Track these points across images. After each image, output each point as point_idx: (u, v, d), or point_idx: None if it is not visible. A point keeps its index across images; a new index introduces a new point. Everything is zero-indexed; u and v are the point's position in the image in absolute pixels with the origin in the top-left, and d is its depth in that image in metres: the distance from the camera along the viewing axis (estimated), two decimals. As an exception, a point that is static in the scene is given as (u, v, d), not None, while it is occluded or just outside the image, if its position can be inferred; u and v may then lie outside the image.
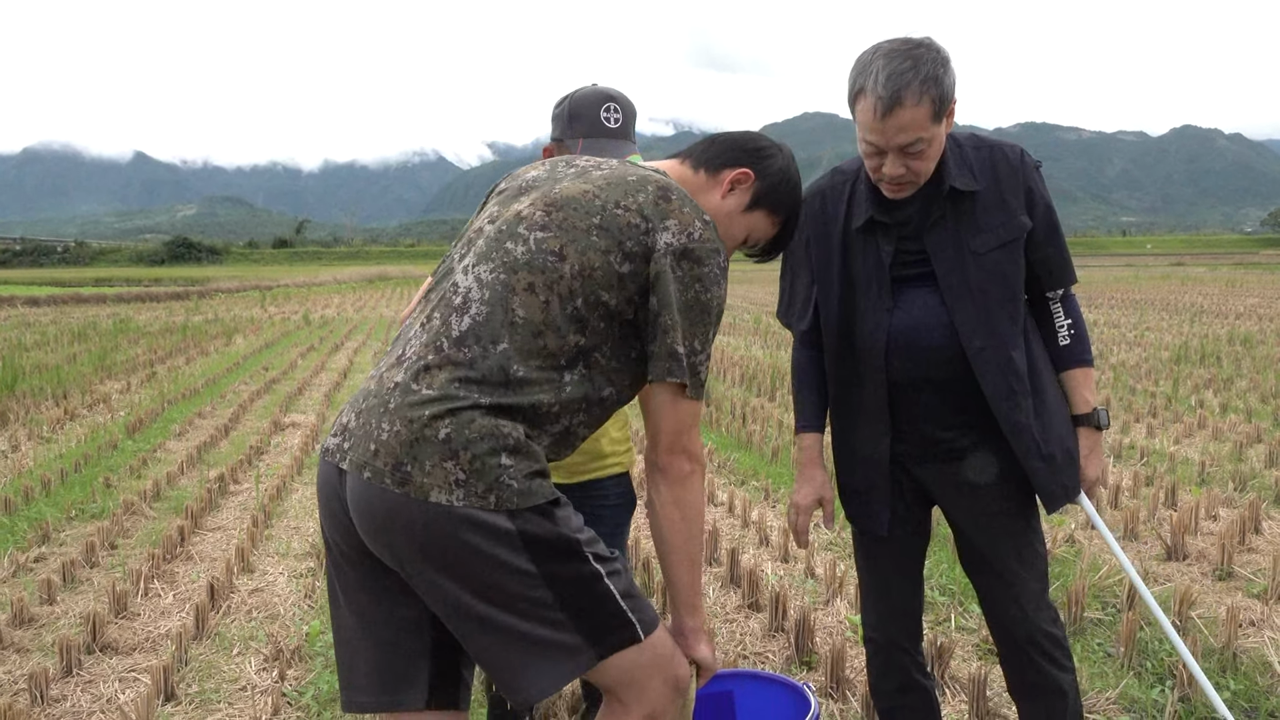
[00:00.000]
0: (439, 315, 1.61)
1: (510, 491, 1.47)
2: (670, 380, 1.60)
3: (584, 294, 1.58)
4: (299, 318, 21.43)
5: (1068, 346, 2.12)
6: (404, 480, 1.46)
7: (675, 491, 1.63)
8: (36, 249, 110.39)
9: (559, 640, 1.50)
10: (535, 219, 1.64)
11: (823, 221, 2.15)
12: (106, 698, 3.19)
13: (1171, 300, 22.43)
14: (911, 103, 1.83)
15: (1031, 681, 2.14)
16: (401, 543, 1.48)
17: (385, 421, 1.51)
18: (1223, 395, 8.87)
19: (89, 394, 9.97)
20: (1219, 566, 4.21)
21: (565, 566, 1.50)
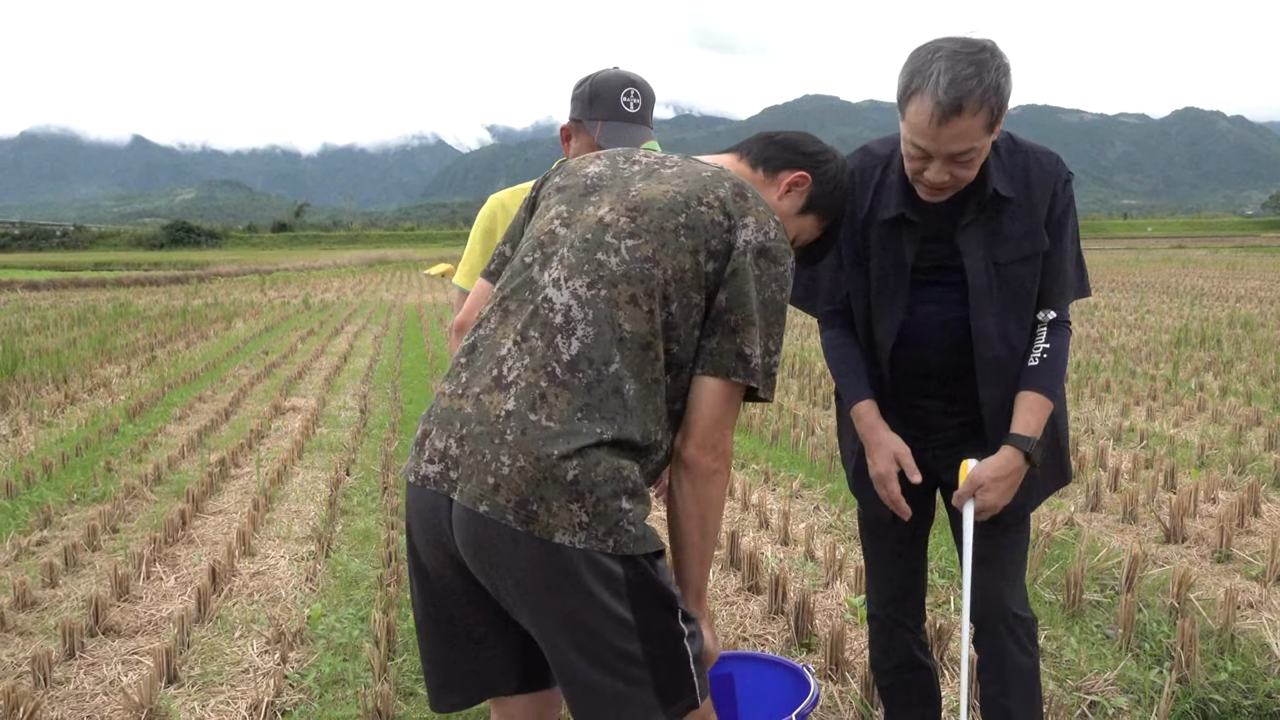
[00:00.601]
0: (538, 335, 1.55)
1: (628, 537, 1.47)
2: (734, 380, 1.58)
3: (678, 298, 1.56)
4: (299, 302, 21.42)
5: (1034, 369, 2.00)
6: (529, 519, 1.45)
7: (699, 488, 1.61)
8: (35, 233, 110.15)
9: (637, 697, 1.51)
10: (622, 226, 1.60)
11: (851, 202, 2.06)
12: (109, 680, 3.21)
13: (1172, 283, 22.41)
14: (971, 111, 1.75)
15: (994, 657, 2.16)
16: (515, 579, 1.49)
17: (505, 455, 1.48)
18: (1223, 378, 8.87)
19: (89, 378, 9.98)
20: (1218, 549, 4.22)
21: (659, 620, 1.51)
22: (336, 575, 4.18)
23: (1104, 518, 4.82)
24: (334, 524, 4.89)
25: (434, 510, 1.56)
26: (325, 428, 7.50)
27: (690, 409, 1.60)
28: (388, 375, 10.04)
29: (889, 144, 2.04)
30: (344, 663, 3.30)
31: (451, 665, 1.68)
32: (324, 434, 7.24)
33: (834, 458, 5.87)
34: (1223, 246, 53.66)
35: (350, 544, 4.63)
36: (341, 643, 3.47)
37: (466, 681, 1.69)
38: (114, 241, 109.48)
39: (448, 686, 1.70)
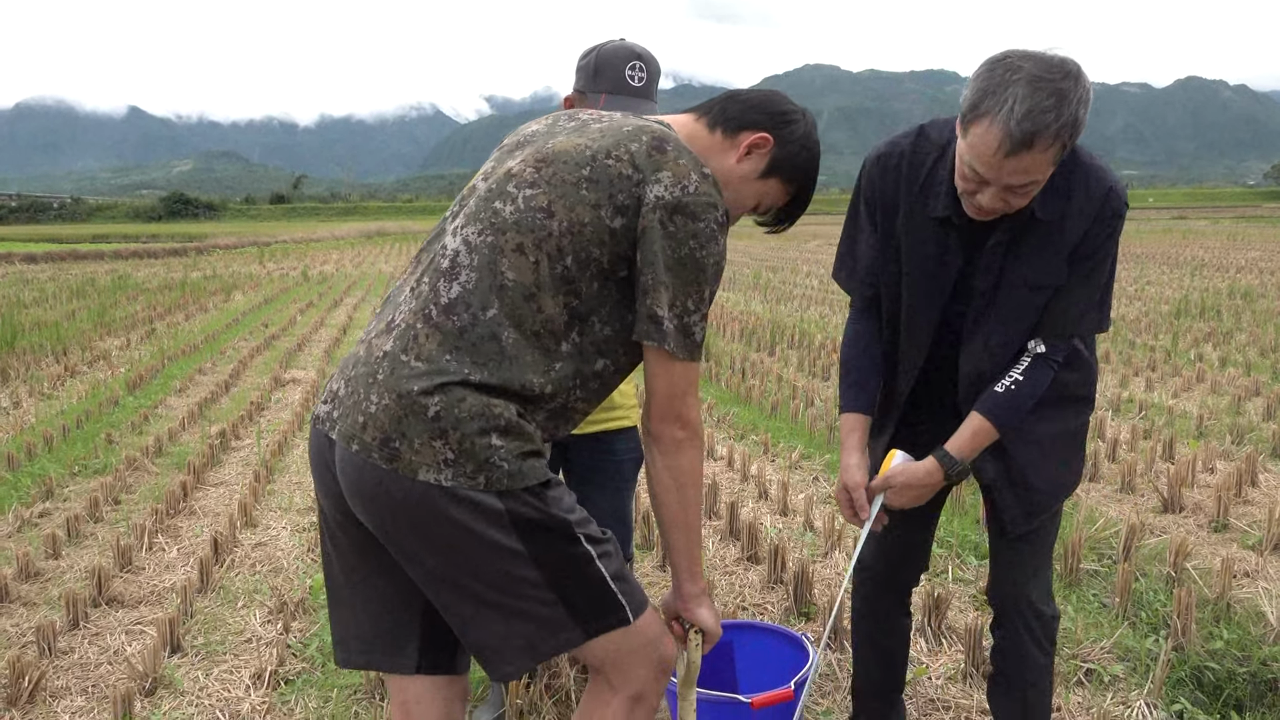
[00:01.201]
0: (428, 281, 1.55)
1: (500, 473, 1.44)
2: (648, 344, 1.54)
3: (574, 251, 1.50)
4: (297, 274, 21.37)
5: (997, 395, 1.89)
6: (392, 456, 1.44)
7: (668, 460, 1.58)
8: (33, 205, 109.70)
9: (545, 617, 1.49)
10: (525, 176, 1.57)
11: (895, 187, 1.95)
12: (114, 650, 3.23)
13: (1172, 254, 22.36)
14: (1043, 147, 1.62)
15: (1008, 645, 2.15)
16: (389, 517, 1.47)
17: (374, 393, 1.48)
18: (1222, 349, 8.88)
19: (89, 351, 9.98)
20: (1215, 518, 4.24)
21: (556, 547, 1.48)
22: (338, 546, 4.20)
23: (1102, 488, 4.84)
24: (335, 495, 4.90)
25: (320, 449, 1.58)
26: (325, 400, 7.50)
27: (646, 381, 1.58)
28: (387, 347, 10.03)
29: (947, 130, 1.90)
30: (346, 632, 3.32)
31: (350, 619, 1.65)
32: (324, 406, 7.25)
33: (833, 429, 5.89)
34: (1224, 217, 53.48)
35: (351, 515, 4.64)
36: (343, 612, 3.49)
37: (365, 639, 1.65)
38: (112, 214, 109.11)
39: (345, 641, 1.66)
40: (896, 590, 2.30)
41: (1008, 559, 2.10)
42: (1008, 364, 1.92)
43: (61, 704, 2.87)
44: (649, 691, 1.60)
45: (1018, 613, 2.10)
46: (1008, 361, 1.92)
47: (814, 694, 2.81)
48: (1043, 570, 2.11)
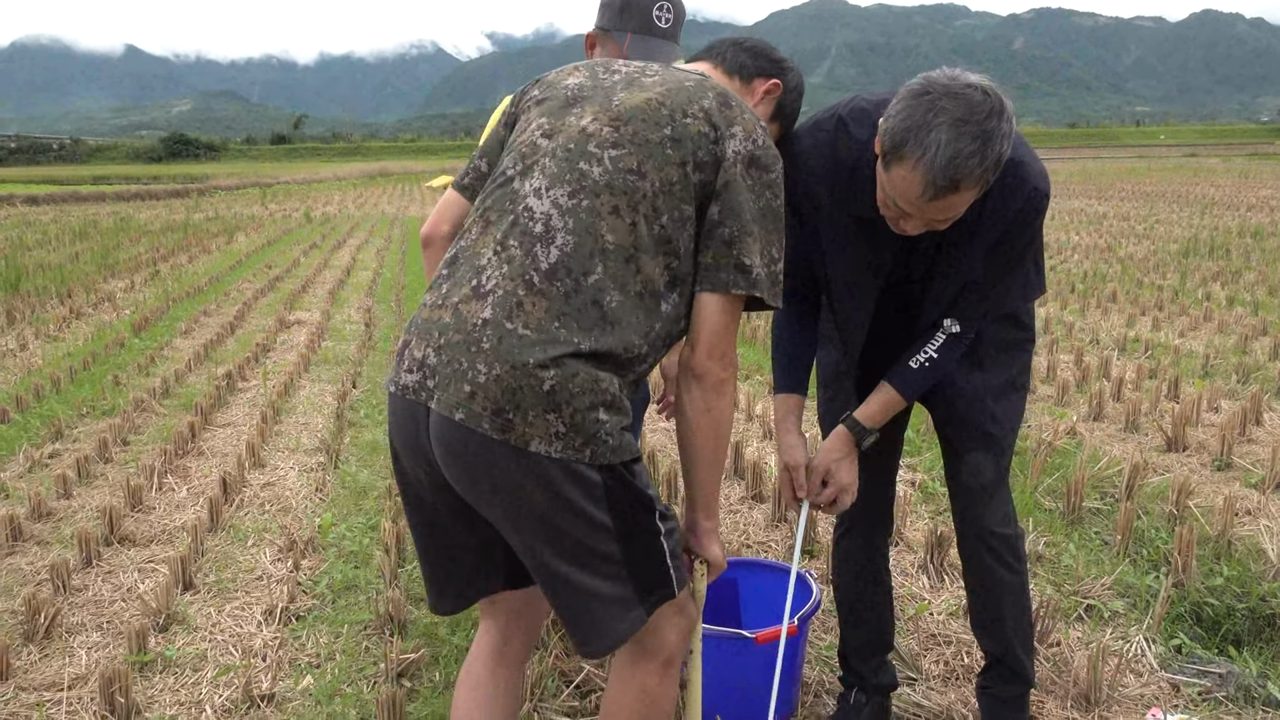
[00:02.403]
0: (517, 244, 1.53)
1: (605, 447, 1.47)
2: (735, 292, 1.56)
3: (668, 210, 1.54)
4: (300, 215, 21.26)
5: (910, 371, 1.95)
6: (505, 427, 1.45)
7: (709, 398, 1.60)
8: (32, 146, 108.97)
9: (617, 594, 1.54)
10: (605, 135, 1.57)
11: (817, 181, 1.92)
12: (126, 587, 3.28)
13: (1183, 192, 22.13)
14: (967, 188, 1.61)
15: (976, 572, 2.19)
16: (491, 486, 1.50)
17: (480, 363, 1.47)
18: (1230, 288, 8.83)
19: (93, 293, 9.97)
20: (1218, 457, 4.26)
21: (637, 522, 1.53)
22: (345, 485, 4.24)
23: (1106, 427, 4.85)
24: (342, 436, 4.94)
25: (412, 419, 1.56)
26: (330, 341, 7.51)
27: (696, 324, 1.59)
28: (391, 288, 10.02)
29: (867, 124, 1.84)
30: (355, 570, 3.37)
31: (441, 570, 1.72)
32: (329, 347, 7.26)
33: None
34: (1236, 154, 52.81)
35: (358, 455, 4.68)
36: (352, 550, 3.53)
37: (458, 586, 1.73)
38: (112, 154, 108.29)
39: (443, 592, 1.74)
40: (873, 550, 2.32)
41: (963, 490, 2.14)
42: (906, 333, 1.98)
43: (77, 639, 2.92)
44: (678, 654, 1.67)
45: (979, 539, 2.14)
46: (909, 335, 1.99)
47: (816, 629, 2.85)
48: (999, 497, 2.14)
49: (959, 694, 2.50)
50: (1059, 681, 2.53)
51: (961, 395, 2.06)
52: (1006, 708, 2.24)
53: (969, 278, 1.89)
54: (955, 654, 2.71)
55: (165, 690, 2.64)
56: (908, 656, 2.69)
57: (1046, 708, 2.42)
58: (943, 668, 2.65)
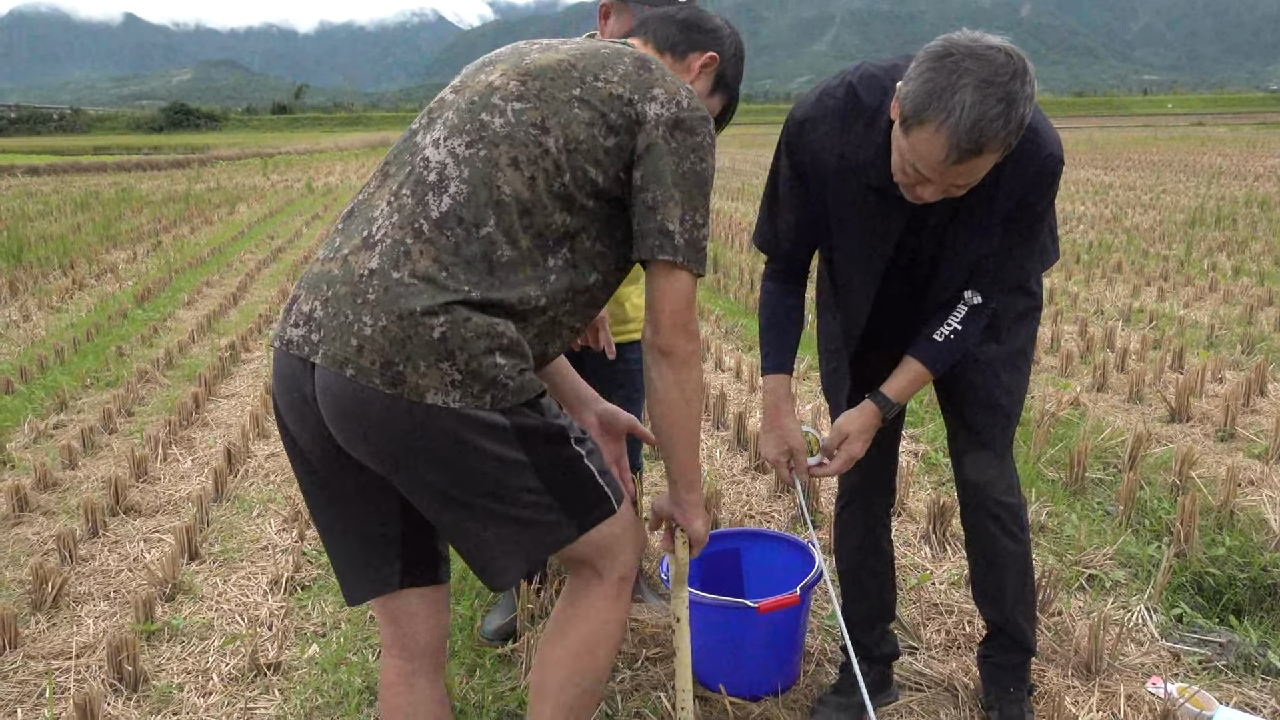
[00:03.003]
0: (410, 193, 1.49)
1: (505, 390, 1.44)
2: (661, 258, 1.53)
3: (571, 169, 1.49)
4: (302, 186, 21.18)
5: (935, 344, 1.94)
6: (396, 380, 1.40)
7: (679, 374, 1.58)
8: (32, 116, 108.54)
9: (545, 520, 1.52)
10: (510, 89, 1.53)
11: (825, 151, 1.87)
12: (133, 557, 3.30)
13: (1190, 161, 21.97)
14: (991, 151, 1.58)
15: (980, 541, 2.19)
16: (389, 442, 1.43)
17: (366, 314, 1.41)
18: (1236, 258, 8.79)
19: (96, 264, 9.96)
20: (1222, 428, 4.25)
21: (553, 452, 1.51)
22: (350, 456, 4.25)
23: (1110, 398, 4.85)
24: (345, 407, 4.94)
25: (295, 376, 1.50)
26: (333, 312, 7.51)
27: (649, 297, 1.57)
28: (394, 259, 10.00)
29: (877, 90, 1.80)
30: (360, 540, 3.38)
31: (344, 548, 1.62)
32: (332, 318, 7.26)
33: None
34: (1244, 123, 52.39)
35: (362, 426, 4.69)
36: (357, 521, 3.55)
37: (366, 563, 1.62)
38: (112, 125, 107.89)
39: (351, 575, 1.63)
40: (874, 520, 2.32)
41: (969, 460, 2.14)
42: (929, 311, 1.96)
43: (85, 609, 2.95)
44: (630, 571, 1.66)
45: (982, 508, 2.15)
46: (932, 310, 1.96)
47: (819, 598, 2.86)
48: (1004, 467, 2.14)
49: (960, 663, 2.52)
50: (1060, 650, 2.55)
51: (975, 365, 2.05)
52: (1008, 676, 2.25)
53: (986, 249, 1.87)
54: (957, 623, 2.72)
55: (172, 659, 2.67)
56: (909, 626, 2.70)
57: (1047, 676, 2.43)
58: (944, 637, 2.67)
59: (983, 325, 1.96)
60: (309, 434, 1.52)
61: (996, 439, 2.10)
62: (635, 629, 2.67)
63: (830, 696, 2.31)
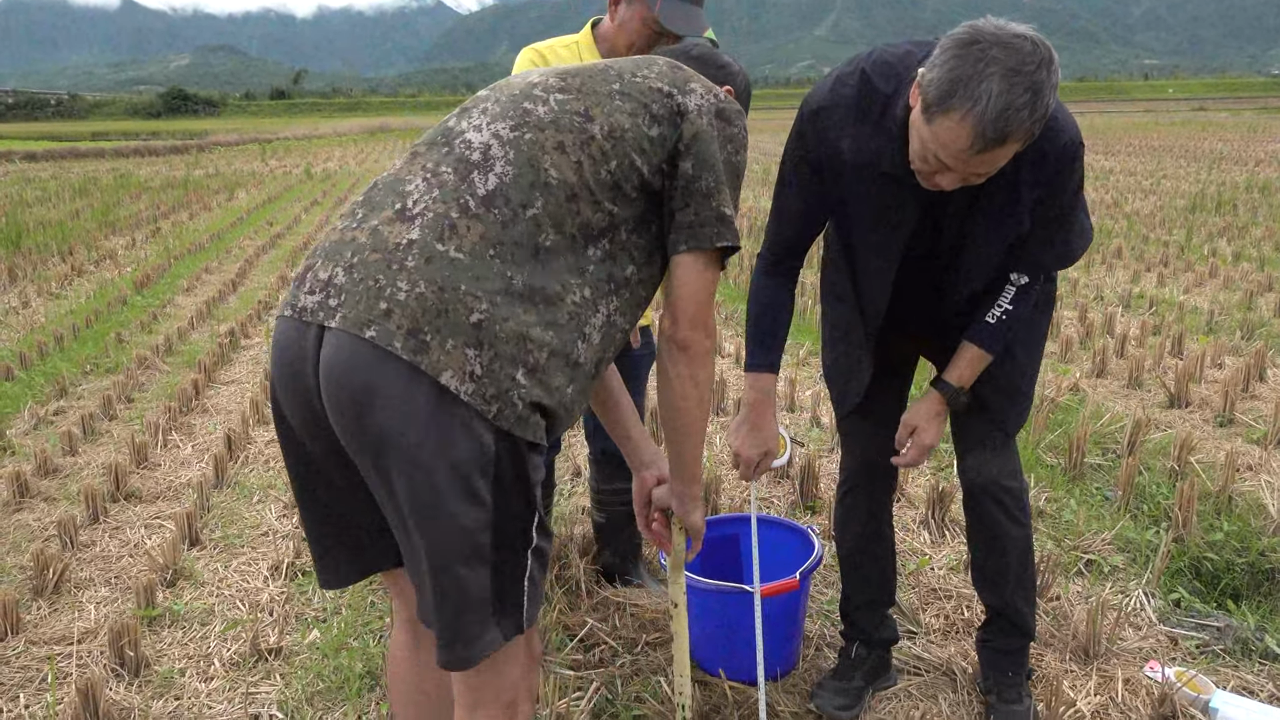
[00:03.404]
0: (451, 170, 1.43)
1: (513, 411, 1.34)
2: (720, 245, 1.51)
3: (617, 157, 1.47)
4: (300, 171, 21.13)
5: (988, 326, 1.97)
6: (419, 349, 1.30)
7: (695, 368, 1.56)
8: (30, 102, 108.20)
9: (481, 596, 1.38)
10: (550, 84, 1.52)
11: (839, 141, 1.86)
12: (134, 543, 3.31)
13: (1191, 147, 21.92)
14: (1015, 141, 1.58)
15: (982, 526, 2.20)
16: (378, 415, 1.31)
17: (403, 280, 1.33)
18: (1236, 243, 8.78)
19: (95, 250, 9.95)
20: (1221, 413, 4.26)
21: (515, 515, 1.38)
22: (350, 442, 4.26)
23: (1109, 383, 4.85)
24: (345, 393, 4.95)
25: (300, 345, 1.38)
26: (333, 298, 7.50)
27: (676, 290, 1.54)
28: (393, 245, 9.99)
29: (892, 77, 1.80)
30: (360, 526, 3.39)
31: (326, 536, 1.55)
32: (332, 305, 7.25)
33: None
34: (1245, 108, 52.24)
35: (362, 412, 4.69)
36: (357, 507, 3.56)
37: (347, 555, 1.56)
38: (110, 110, 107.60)
39: (329, 562, 1.57)
40: (876, 506, 2.33)
41: (974, 443, 2.15)
42: (991, 296, 1.97)
43: (86, 594, 2.95)
44: (522, 699, 1.52)
45: (985, 492, 2.16)
46: (985, 300, 1.98)
47: (818, 584, 2.87)
48: (1008, 450, 2.16)
49: (959, 647, 2.53)
50: (1058, 635, 2.56)
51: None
52: (1006, 660, 2.26)
53: (1012, 237, 1.88)
54: (955, 608, 2.73)
55: (174, 644, 2.67)
56: (908, 611, 2.71)
57: (1045, 660, 2.44)
58: (943, 621, 2.68)
59: (1032, 303, 1.98)
60: (305, 418, 1.42)
61: (1011, 422, 2.12)
62: (635, 614, 2.68)
63: (829, 680, 2.32)
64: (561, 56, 2.48)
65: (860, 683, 2.30)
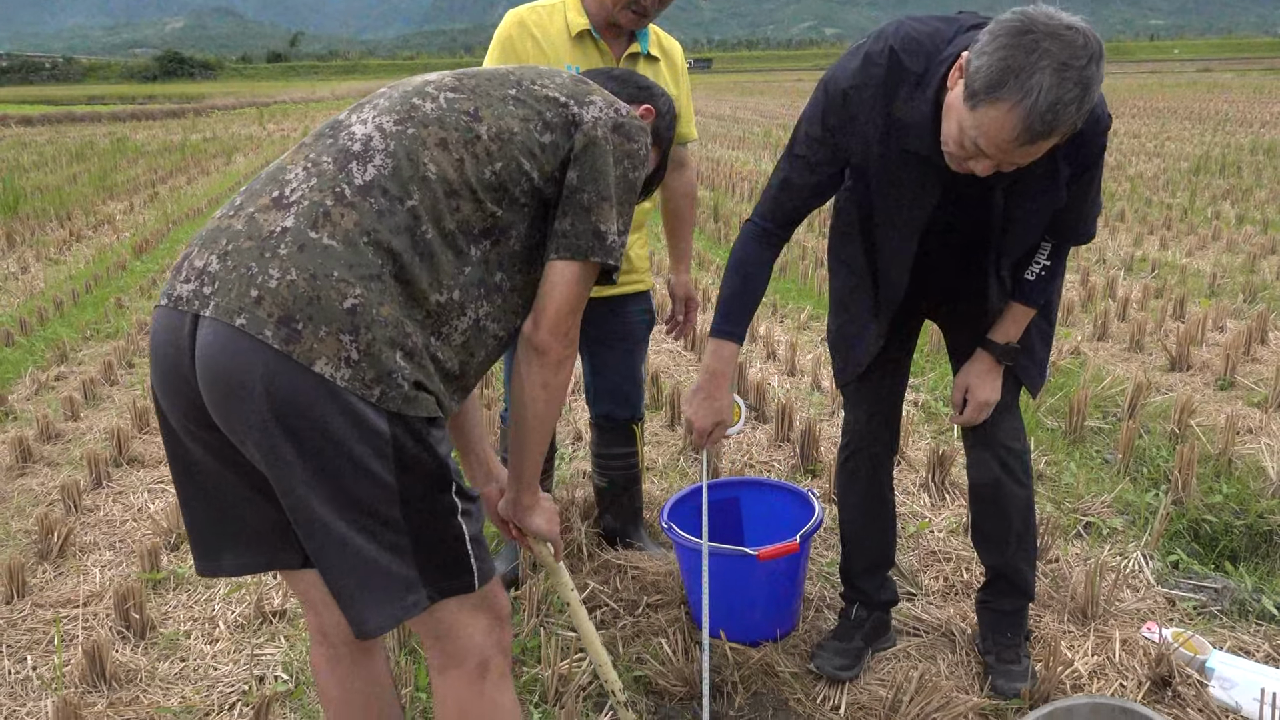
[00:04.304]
0: (331, 160, 1.40)
1: (398, 393, 1.31)
2: (592, 260, 1.50)
3: (503, 158, 1.45)
4: (299, 135, 20.98)
5: (1029, 282, 2.01)
6: (290, 338, 1.27)
7: (547, 375, 1.53)
8: (24, 65, 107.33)
9: (396, 571, 1.36)
10: (445, 82, 1.51)
11: (868, 121, 1.85)
12: (137, 507, 3.32)
13: (1195, 108, 21.73)
14: (1060, 134, 1.58)
15: (986, 486, 2.22)
16: (257, 408, 1.28)
17: (275, 268, 1.30)
18: (1240, 206, 8.73)
19: (92, 215, 9.91)
20: (1222, 376, 4.26)
21: (427, 490, 1.36)
22: (351, 407, 4.26)
23: (1110, 347, 4.85)
24: (346, 358, 4.95)
25: (174, 332, 1.35)
26: (332, 263, 7.49)
27: (543, 294, 1.51)
28: (392, 210, 9.95)
29: (921, 55, 1.78)
30: (362, 490, 3.40)
31: (209, 527, 1.49)
32: (331, 269, 7.24)
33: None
34: (1252, 69, 51.70)
35: (363, 377, 4.69)
36: (359, 471, 3.57)
37: (233, 548, 1.49)
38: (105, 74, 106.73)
39: (208, 552, 1.50)
40: (879, 469, 2.33)
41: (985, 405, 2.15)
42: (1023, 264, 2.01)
43: (91, 558, 2.97)
44: (493, 656, 1.50)
45: (991, 452, 2.17)
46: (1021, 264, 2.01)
47: (818, 546, 2.89)
48: (1009, 413, 2.17)
49: (958, 609, 2.55)
50: (1056, 596, 2.57)
51: None
52: (1006, 621, 2.28)
53: (1050, 214, 1.91)
54: (955, 570, 2.75)
55: (179, 606, 2.70)
56: (908, 573, 2.73)
57: (1044, 621, 2.46)
58: (942, 583, 2.70)
59: (1067, 255, 2.04)
60: (185, 405, 1.37)
61: (1036, 383, 2.15)
62: (636, 577, 2.70)
63: (829, 641, 2.34)
64: (542, 19, 2.44)
65: (860, 644, 2.32)
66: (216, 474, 1.42)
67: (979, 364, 2.08)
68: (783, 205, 2.00)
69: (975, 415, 2.09)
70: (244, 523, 1.46)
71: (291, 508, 1.34)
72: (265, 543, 1.48)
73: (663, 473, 3.49)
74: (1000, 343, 2.05)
